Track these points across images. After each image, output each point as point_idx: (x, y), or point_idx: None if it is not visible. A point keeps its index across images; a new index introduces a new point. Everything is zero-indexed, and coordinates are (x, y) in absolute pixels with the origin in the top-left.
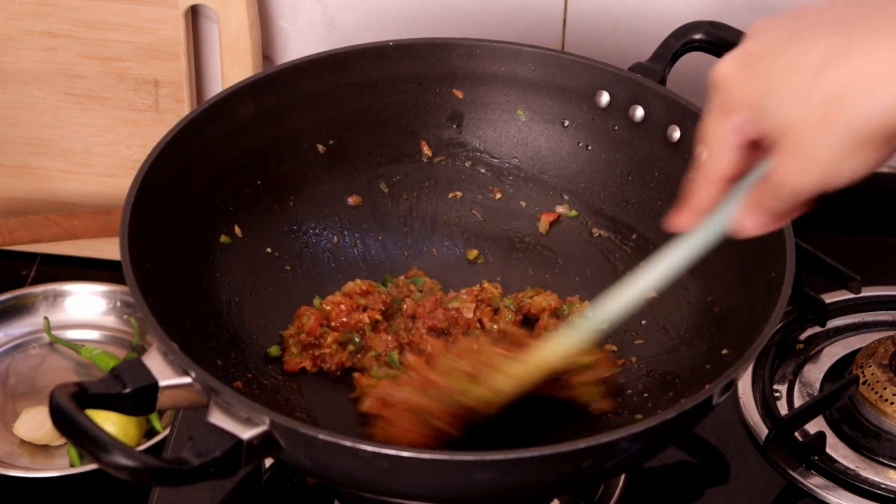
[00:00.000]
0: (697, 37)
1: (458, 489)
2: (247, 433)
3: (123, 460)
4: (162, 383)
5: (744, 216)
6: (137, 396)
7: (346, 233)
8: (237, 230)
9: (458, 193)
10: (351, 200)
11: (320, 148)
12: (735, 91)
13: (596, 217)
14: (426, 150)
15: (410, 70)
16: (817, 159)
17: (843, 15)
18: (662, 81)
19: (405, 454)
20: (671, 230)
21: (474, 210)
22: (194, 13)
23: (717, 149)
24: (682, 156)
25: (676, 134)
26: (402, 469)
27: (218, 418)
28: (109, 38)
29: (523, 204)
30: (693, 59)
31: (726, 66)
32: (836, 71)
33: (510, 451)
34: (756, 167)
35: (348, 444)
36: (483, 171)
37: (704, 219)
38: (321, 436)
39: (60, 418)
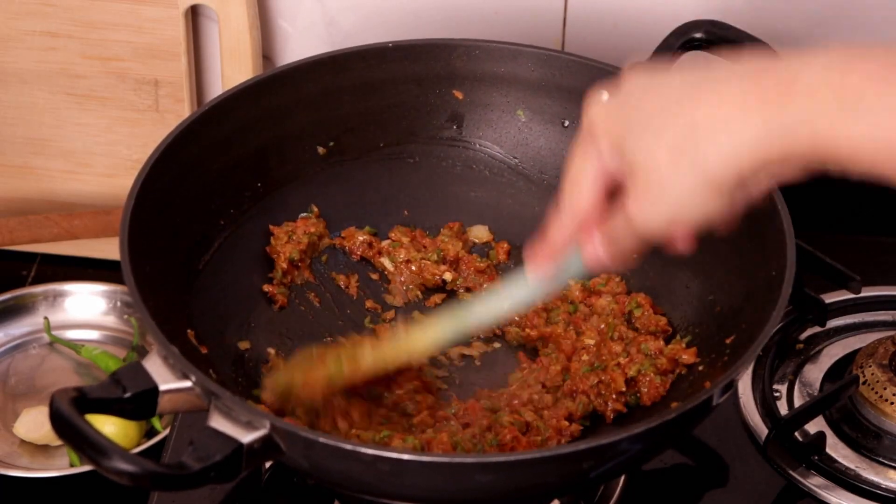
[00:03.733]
0: (697, 36)
1: (458, 491)
2: (247, 437)
3: (124, 465)
4: (162, 387)
5: (592, 244)
6: (138, 401)
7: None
8: (237, 232)
9: (459, 194)
10: (350, 201)
11: (320, 150)
12: (600, 128)
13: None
14: (425, 152)
15: (410, 71)
16: (666, 197)
17: (704, 72)
18: None
19: (406, 457)
20: (527, 270)
21: (475, 210)
22: (194, 13)
23: (577, 182)
24: None
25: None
26: (403, 472)
27: (218, 422)
28: (109, 38)
29: (523, 205)
30: (693, 58)
31: (597, 108)
32: (685, 113)
33: (511, 454)
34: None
35: (348, 447)
36: (483, 171)
37: (557, 261)
38: (321, 439)
39: (60, 423)
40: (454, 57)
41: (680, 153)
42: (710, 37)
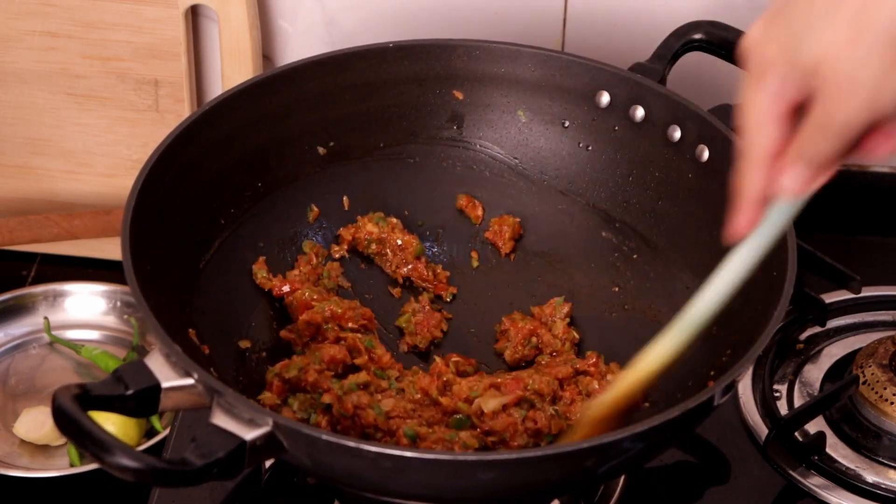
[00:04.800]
0: (697, 37)
1: (461, 489)
2: (250, 434)
3: (127, 461)
4: (164, 385)
5: (789, 172)
6: (140, 398)
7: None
8: (238, 232)
9: (459, 195)
10: (349, 202)
11: (321, 150)
12: (764, 50)
13: (597, 217)
14: (426, 152)
15: (410, 71)
16: (859, 80)
17: None
18: (662, 81)
19: (408, 454)
20: (732, 241)
21: (475, 211)
22: (194, 13)
23: (758, 124)
24: (683, 155)
25: (677, 134)
26: (405, 469)
27: (221, 419)
28: (109, 38)
29: (524, 205)
30: (693, 59)
31: (753, 31)
32: None
33: (513, 451)
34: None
35: (351, 444)
36: (484, 171)
37: (763, 213)
38: (324, 436)
39: (63, 420)
40: (455, 57)
41: (860, 27)
42: (710, 38)
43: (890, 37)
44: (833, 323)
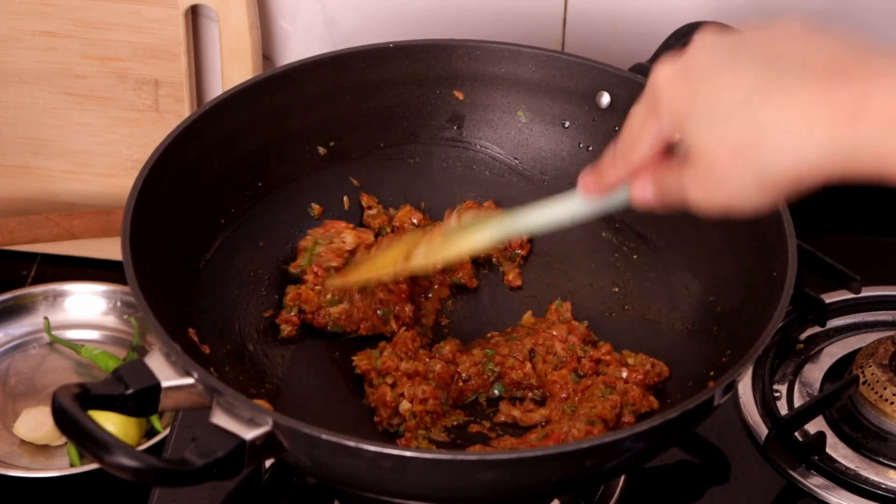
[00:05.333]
0: None
1: (461, 489)
2: (249, 433)
3: (127, 461)
4: (164, 384)
5: (643, 184)
6: (140, 397)
7: None
8: (238, 232)
9: (459, 195)
10: (349, 202)
11: (321, 150)
12: (664, 98)
13: (596, 218)
14: (426, 152)
15: (411, 71)
16: (723, 190)
17: (777, 58)
18: None
19: (408, 454)
20: (579, 187)
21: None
22: (194, 13)
23: (636, 137)
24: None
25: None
26: (405, 469)
27: (220, 419)
28: (109, 38)
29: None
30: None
31: (663, 73)
32: (753, 113)
33: (513, 451)
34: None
35: (351, 444)
36: (484, 172)
37: (606, 195)
38: (324, 436)
39: (63, 419)
40: (455, 57)
41: (742, 152)
42: None
43: (761, 172)
44: (833, 323)
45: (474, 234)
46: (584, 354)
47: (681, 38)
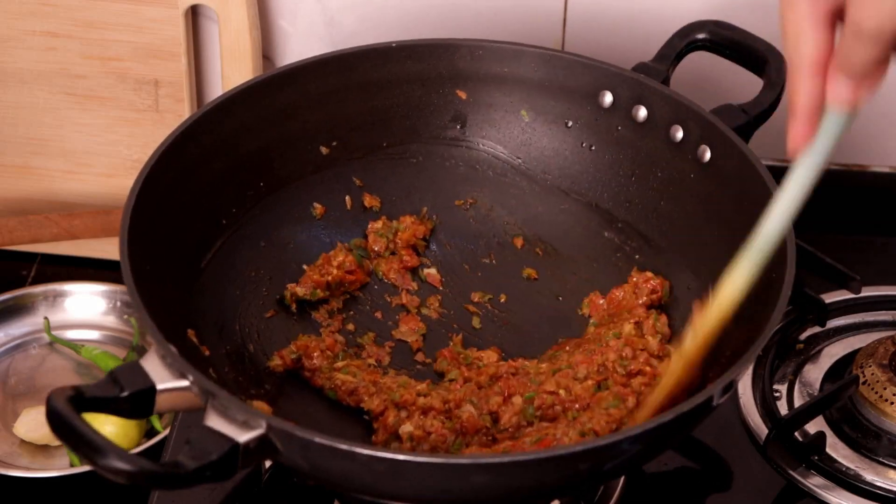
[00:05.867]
0: (701, 36)
1: (455, 492)
2: (243, 436)
3: (119, 464)
4: (159, 387)
5: (834, 81)
6: (135, 400)
7: (346, 234)
8: (239, 232)
9: (461, 194)
10: (351, 202)
11: (323, 149)
12: None
13: (599, 217)
14: (429, 151)
15: (414, 71)
16: None
17: None
18: (666, 81)
19: (401, 457)
20: (792, 154)
21: (478, 211)
22: (194, 13)
23: (797, 32)
24: (686, 156)
25: (679, 134)
26: (399, 472)
27: (214, 421)
28: (109, 38)
29: (527, 205)
30: (695, 59)
31: None
32: None
33: (506, 454)
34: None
35: (344, 447)
36: (486, 171)
37: (819, 121)
38: (317, 439)
39: (57, 422)
40: (458, 57)
41: None
42: (715, 37)
43: None
44: (833, 323)
45: (733, 287)
46: (624, 370)
47: (684, 39)
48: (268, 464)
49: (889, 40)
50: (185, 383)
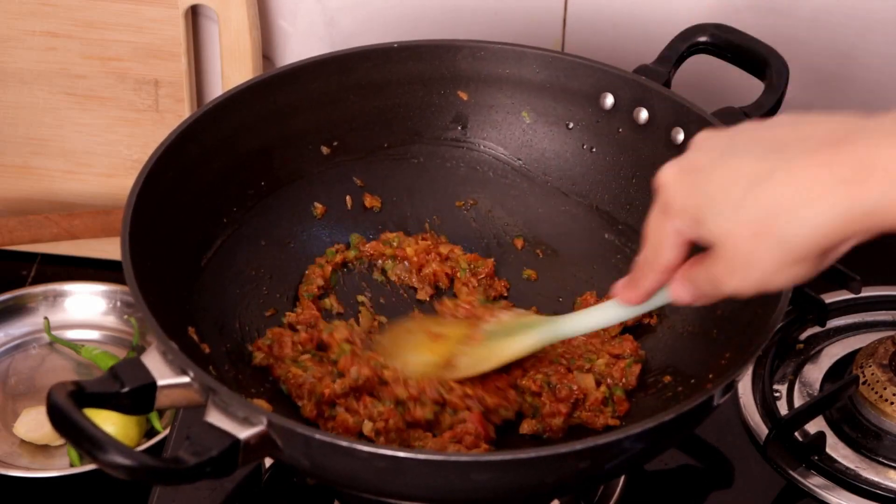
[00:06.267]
0: (702, 39)
1: (456, 490)
2: (244, 433)
3: (120, 459)
4: (160, 382)
5: (679, 286)
6: (135, 395)
7: (347, 233)
8: (240, 231)
9: (462, 195)
10: (352, 202)
11: (324, 149)
12: (675, 198)
13: (600, 219)
14: (430, 152)
15: (415, 71)
16: (753, 270)
17: (774, 140)
18: (667, 84)
19: (401, 454)
20: (617, 298)
21: (479, 212)
22: (194, 13)
23: (659, 244)
24: None
25: (680, 136)
26: (399, 469)
27: (215, 418)
28: (109, 38)
29: (527, 206)
30: (697, 61)
31: (668, 173)
32: (764, 192)
33: (507, 452)
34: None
35: (345, 444)
36: (487, 172)
37: (646, 300)
38: (318, 436)
39: (58, 417)
40: (459, 58)
41: (762, 231)
42: (716, 40)
43: (785, 245)
44: (833, 323)
45: (514, 343)
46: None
47: (686, 41)
48: (268, 463)
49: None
50: (185, 380)
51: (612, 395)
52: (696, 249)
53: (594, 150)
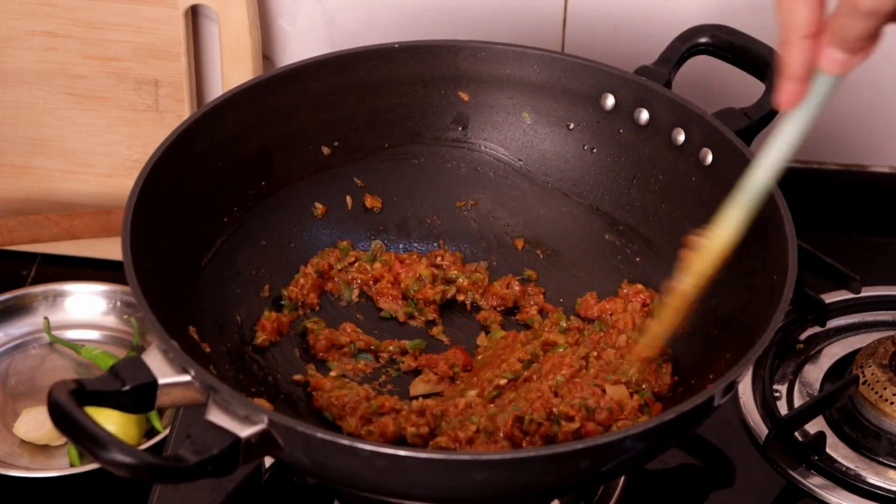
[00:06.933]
0: (703, 40)
1: (456, 489)
2: (245, 431)
3: (121, 457)
4: (161, 381)
5: (829, 53)
6: (136, 394)
7: (349, 233)
8: (240, 230)
9: (463, 195)
10: (352, 202)
11: (325, 149)
12: None
13: (600, 220)
14: (430, 153)
15: (416, 72)
16: None
17: None
18: (668, 85)
19: (402, 453)
20: (780, 108)
21: (479, 212)
22: (194, 13)
23: (792, 6)
24: (687, 159)
25: (681, 137)
26: (399, 468)
27: (216, 416)
28: (109, 38)
29: (528, 207)
30: (698, 62)
31: None
32: None
33: (507, 452)
34: None
35: (345, 442)
36: (488, 173)
37: (810, 82)
38: (319, 434)
39: (59, 415)
40: (460, 58)
41: None
42: (717, 41)
43: None
44: (833, 323)
45: (724, 230)
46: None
47: (686, 42)
48: (268, 463)
49: (883, 17)
50: (186, 378)
51: (645, 400)
52: None
53: (595, 150)
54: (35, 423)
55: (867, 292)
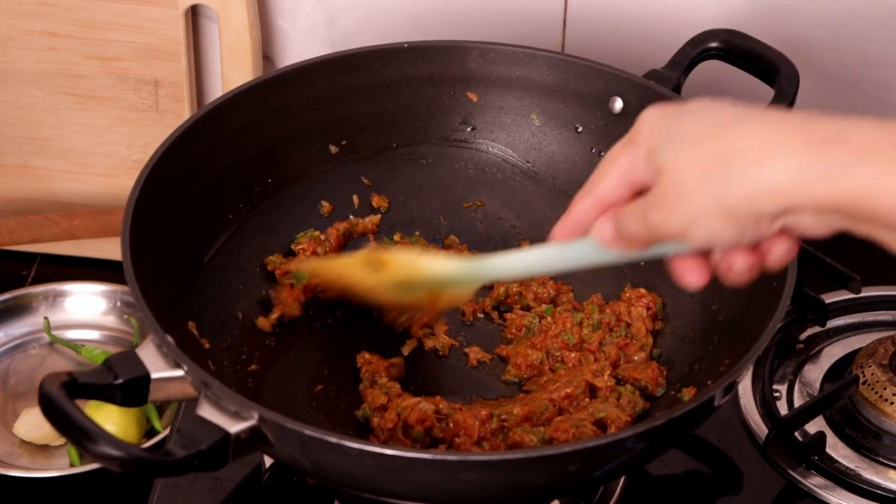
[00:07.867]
0: (713, 45)
1: (446, 489)
2: (235, 427)
3: (109, 450)
4: (154, 375)
5: (603, 221)
6: (129, 387)
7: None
8: (245, 227)
9: (470, 196)
10: (359, 201)
11: (333, 148)
12: (643, 129)
13: None
14: (438, 153)
15: (425, 72)
16: (682, 207)
17: (762, 111)
18: (677, 89)
19: (388, 452)
20: (551, 235)
21: (486, 213)
22: (194, 13)
23: (604, 172)
24: None
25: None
26: (386, 467)
27: (206, 411)
28: (109, 38)
29: (534, 209)
30: (707, 67)
31: (651, 111)
32: (727, 138)
33: (493, 453)
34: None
35: (333, 440)
36: (496, 174)
37: (578, 234)
38: (307, 431)
39: (49, 407)
40: (469, 59)
41: (707, 171)
42: (727, 46)
43: (726, 192)
44: (833, 323)
45: (443, 264)
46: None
47: (697, 47)
48: (268, 463)
49: (659, 238)
50: (179, 373)
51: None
52: None
53: (602, 153)
54: (35, 423)
55: (867, 292)
